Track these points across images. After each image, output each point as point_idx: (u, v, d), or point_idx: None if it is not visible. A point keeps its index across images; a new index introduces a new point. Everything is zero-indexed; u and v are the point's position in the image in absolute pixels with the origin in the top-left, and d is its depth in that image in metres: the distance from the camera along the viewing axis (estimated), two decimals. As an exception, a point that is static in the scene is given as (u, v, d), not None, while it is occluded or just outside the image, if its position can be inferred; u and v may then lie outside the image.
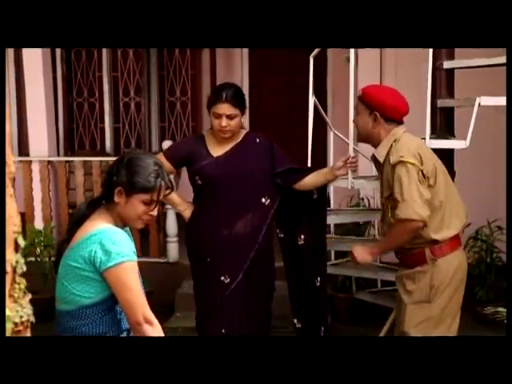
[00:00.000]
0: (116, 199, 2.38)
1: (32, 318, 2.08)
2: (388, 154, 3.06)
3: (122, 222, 2.44)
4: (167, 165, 3.47)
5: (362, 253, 3.18)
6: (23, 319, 1.38)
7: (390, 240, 3.13)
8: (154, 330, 2.27)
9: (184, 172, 3.78)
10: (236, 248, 3.48)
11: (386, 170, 3.09)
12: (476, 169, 5.40)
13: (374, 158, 3.22)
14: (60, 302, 2.40)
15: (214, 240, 3.49)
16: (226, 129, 3.43)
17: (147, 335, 2.25)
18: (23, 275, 1.30)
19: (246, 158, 3.51)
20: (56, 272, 2.43)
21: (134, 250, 2.36)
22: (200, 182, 3.50)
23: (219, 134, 3.47)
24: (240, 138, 3.55)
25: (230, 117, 3.41)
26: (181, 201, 3.60)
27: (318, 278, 3.73)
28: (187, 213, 3.57)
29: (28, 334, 1.68)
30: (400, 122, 3.13)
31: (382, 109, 3.08)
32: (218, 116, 3.41)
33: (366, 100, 3.13)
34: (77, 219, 2.43)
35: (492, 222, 5.18)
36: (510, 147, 2.81)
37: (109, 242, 2.27)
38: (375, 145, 3.17)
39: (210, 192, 3.49)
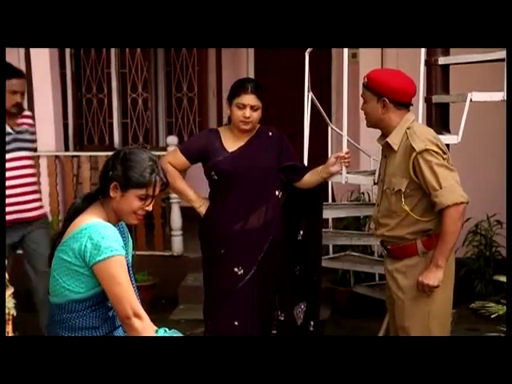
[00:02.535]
0: (111, 194, 2.42)
1: (13, 311, 2.14)
2: (401, 142, 2.99)
3: (116, 218, 2.47)
4: (182, 159, 3.54)
5: (430, 276, 2.94)
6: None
7: (446, 237, 2.92)
8: (143, 323, 2.31)
9: (191, 167, 3.76)
10: (251, 240, 3.52)
11: (398, 158, 3.01)
12: (476, 163, 5.42)
13: (385, 145, 3.10)
14: (51, 295, 2.45)
15: (228, 232, 3.51)
16: (249, 120, 3.47)
17: (137, 329, 2.29)
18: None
19: (260, 151, 3.56)
20: (50, 265, 2.46)
21: (123, 244, 2.40)
22: (216, 178, 3.54)
23: (240, 125, 3.50)
24: (254, 132, 3.60)
25: (253, 108, 3.46)
26: (196, 197, 3.63)
27: (315, 273, 3.77)
28: (202, 209, 3.60)
29: (10, 326, 1.74)
30: (409, 105, 3.06)
31: (390, 94, 2.99)
32: (242, 107, 3.45)
33: (372, 86, 3.03)
34: (72, 213, 2.47)
35: (491, 217, 5.21)
36: (510, 143, 2.83)
37: (98, 236, 2.31)
38: (386, 131, 3.07)
39: (226, 186, 3.52)
